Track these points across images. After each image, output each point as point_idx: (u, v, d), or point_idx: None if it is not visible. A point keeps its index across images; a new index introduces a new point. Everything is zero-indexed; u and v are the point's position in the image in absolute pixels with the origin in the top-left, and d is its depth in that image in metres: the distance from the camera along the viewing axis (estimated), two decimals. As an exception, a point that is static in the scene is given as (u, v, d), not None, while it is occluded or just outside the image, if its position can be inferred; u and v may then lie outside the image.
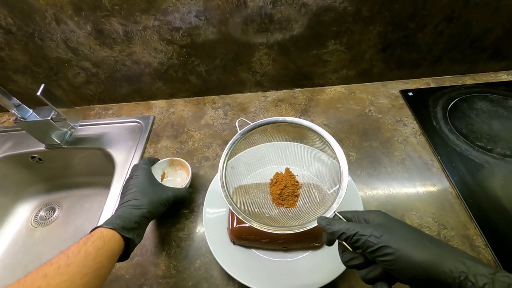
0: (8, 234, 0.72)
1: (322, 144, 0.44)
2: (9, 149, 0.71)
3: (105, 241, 0.35)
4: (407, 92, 0.71)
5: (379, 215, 0.30)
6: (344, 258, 0.31)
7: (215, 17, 0.60)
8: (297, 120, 0.44)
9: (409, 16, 0.61)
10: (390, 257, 0.26)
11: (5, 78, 0.71)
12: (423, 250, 0.25)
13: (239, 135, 0.44)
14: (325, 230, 0.31)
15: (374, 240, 0.27)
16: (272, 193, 0.47)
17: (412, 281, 0.26)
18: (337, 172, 0.39)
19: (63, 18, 0.59)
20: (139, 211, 0.41)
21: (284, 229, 0.36)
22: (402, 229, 0.28)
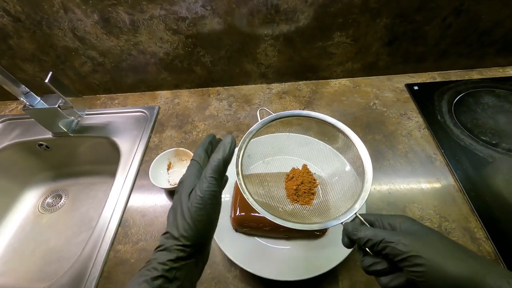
0: (16, 220, 0.73)
1: (345, 142, 0.41)
2: (17, 136, 0.72)
3: None
4: (413, 86, 0.71)
5: (406, 220, 0.28)
6: (365, 263, 0.29)
7: (221, 8, 0.60)
8: (321, 115, 0.41)
9: (416, 9, 0.60)
10: (421, 268, 0.24)
11: (14, 66, 0.72)
12: (459, 262, 0.23)
13: (260, 125, 0.41)
14: (351, 236, 0.30)
15: (403, 248, 0.25)
16: (287, 188, 0.46)
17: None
18: (360, 173, 0.37)
19: (70, 6, 0.59)
20: (165, 251, 0.28)
21: (304, 226, 0.34)
22: (434, 237, 0.26)
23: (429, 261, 0.24)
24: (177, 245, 0.27)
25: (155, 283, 0.26)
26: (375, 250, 0.27)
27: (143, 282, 0.26)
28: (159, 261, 0.27)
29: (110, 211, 0.56)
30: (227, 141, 0.31)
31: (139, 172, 0.62)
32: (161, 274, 0.26)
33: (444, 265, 0.23)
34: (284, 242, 0.47)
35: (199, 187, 0.29)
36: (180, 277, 0.27)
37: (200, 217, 0.28)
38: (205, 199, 0.28)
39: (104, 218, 0.55)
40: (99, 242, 0.52)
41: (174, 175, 0.60)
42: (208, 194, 0.28)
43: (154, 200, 0.57)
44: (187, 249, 0.27)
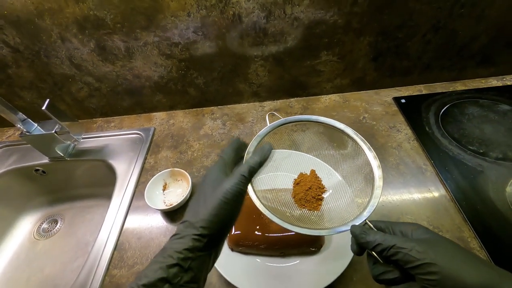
0: (11, 247, 0.73)
1: (354, 149, 0.41)
2: (14, 163, 0.73)
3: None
4: (400, 99, 0.73)
5: (419, 228, 0.28)
6: (376, 271, 0.28)
7: (212, 32, 0.63)
8: (330, 121, 0.41)
9: (397, 27, 0.63)
10: (435, 276, 0.23)
11: (12, 94, 0.74)
12: (474, 271, 0.23)
13: (269, 128, 0.41)
14: (359, 239, 0.29)
15: (417, 255, 0.24)
16: (295, 193, 0.44)
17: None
18: (368, 179, 0.37)
19: (67, 36, 0.62)
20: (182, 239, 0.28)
21: (313, 231, 0.34)
22: (448, 246, 0.26)
23: (444, 269, 0.23)
24: (195, 235, 0.27)
25: (170, 271, 0.26)
26: (385, 255, 0.26)
27: (159, 269, 0.26)
28: (176, 249, 0.27)
29: (106, 234, 0.56)
30: (267, 147, 0.34)
31: (135, 194, 0.62)
32: (177, 262, 0.26)
33: (459, 274, 0.23)
34: (280, 259, 0.47)
35: (230, 182, 0.29)
36: (194, 267, 0.27)
37: (223, 211, 0.28)
38: (232, 195, 0.29)
39: (99, 242, 0.55)
40: (95, 268, 0.51)
41: (170, 195, 0.60)
42: (236, 190, 0.29)
43: (149, 222, 0.57)
44: (204, 240, 0.27)
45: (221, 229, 0.29)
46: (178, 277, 0.26)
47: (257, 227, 0.48)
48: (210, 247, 0.29)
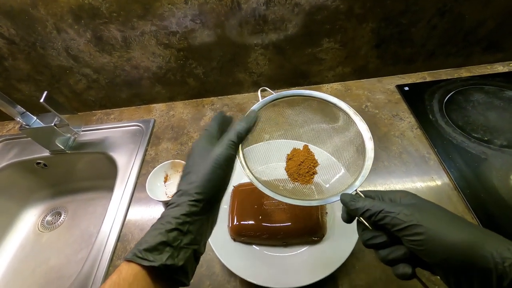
0: (16, 240, 0.73)
1: (345, 121, 0.41)
2: (15, 156, 0.73)
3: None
4: (403, 87, 0.72)
5: (407, 195, 0.28)
6: (365, 236, 0.29)
7: (210, 20, 0.61)
8: (323, 95, 0.41)
9: (401, 12, 0.61)
10: (421, 236, 0.24)
11: (9, 87, 0.73)
12: (460, 230, 0.23)
13: (261, 104, 0.40)
14: (349, 206, 0.29)
15: (404, 218, 0.25)
16: (288, 167, 0.44)
17: (443, 264, 0.23)
18: (360, 151, 0.37)
19: (63, 27, 0.61)
20: (178, 206, 0.28)
21: (304, 202, 0.34)
22: (435, 209, 0.26)
23: (429, 229, 0.24)
24: (190, 201, 0.28)
25: (170, 235, 0.26)
26: (374, 220, 0.27)
27: (158, 234, 0.26)
28: (173, 215, 0.27)
29: (108, 226, 0.56)
30: (251, 115, 0.35)
31: (136, 186, 0.62)
32: (175, 227, 0.27)
33: (444, 233, 0.23)
34: (282, 249, 0.47)
35: (219, 148, 0.31)
36: (193, 231, 0.28)
37: (215, 175, 0.29)
38: (223, 159, 0.30)
39: (103, 234, 0.55)
40: (99, 259, 0.52)
41: (171, 187, 0.60)
42: (227, 154, 0.30)
43: (151, 213, 0.57)
44: (200, 204, 0.28)
45: (215, 193, 0.30)
46: (178, 240, 0.26)
47: (259, 217, 0.48)
48: (207, 211, 0.30)
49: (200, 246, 0.29)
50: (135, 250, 0.26)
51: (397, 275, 0.26)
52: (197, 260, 0.29)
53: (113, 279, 0.25)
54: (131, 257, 0.25)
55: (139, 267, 0.25)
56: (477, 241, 0.22)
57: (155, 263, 0.25)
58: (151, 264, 0.25)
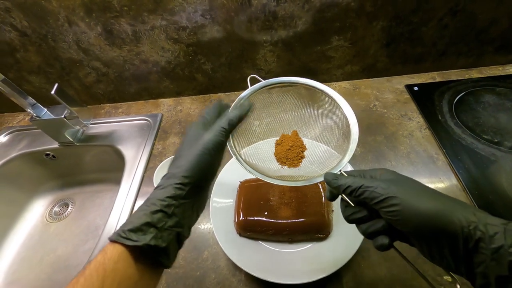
0: (24, 229, 0.75)
1: (332, 107, 0.42)
2: (25, 147, 0.74)
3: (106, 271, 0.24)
4: (412, 87, 0.71)
5: (387, 172, 0.30)
6: (347, 212, 0.30)
7: (220, 16, 0.61)
8: (309, 81, 0.42)
9: (412, 11, 0.61)
10: (396, 207, 0.25)
11: (20, 79, 0.74)
12: (431, 200, 0.25)
13: (249, 91, 0.41)
14: (331, 184, 0.31)
15: (381, 191, 0.26)
16: (277, 152, 0.45)
17: (416, 231, 0.25)
18: (346, 134, 0.38)
19: (75, 19, 0.61)
20: (164, 189, 0.28)
21: (290, 182, 0.36)
22: (411, 182, 0.28)
23: (404, 200, 0.25)
24: (176, 184, 0.28)
25: (154, 217, 0.26)
26: (355, 195, 0.28)
27: (143, 215, 0.26)
28: (158, 197, 0.28)
29: (116, 218, 0.57)
30: (246, 103, 0.36)
31: (143, 179, 0.63)
32: (160, 208, 0.27)
33: (417, 203, 0.25)
34: (288, 245, 0.48)
35: (209, 134, 0.31)
36: (178, 213, 0.28)
37: (203, 160, 0.29)
38: (212, 145, 0.30)
39: (110, 226, 0.56)
40: (106, 249, 0.52)
41: (178, 181, 0.60)
42: (216, 141, 0.30)
43: (158, 207, 0.58)
44: (186, 188, 0.28)
45: (202, 178, 0.30)
46: (163, 222, 0.27)
47: (265, 213, 0.48)
48: (193, 196, 0.30)
49: (184, 229, 0.29)
50: (120, 231, 0.26)
51: (376, 247, 0.28)
52: (180, 243, 0.29)
53: (98, 259, 0.25)
54: (116, 237, 0.25)
55: (123, 247, 0.25)
56: (446, 209, 0.24)
57: (138, 243, 0.25)
58: (134, 243, 0.25)
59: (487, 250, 0.22)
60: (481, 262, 0.22)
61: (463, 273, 0.24)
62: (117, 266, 0.24)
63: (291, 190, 0.50)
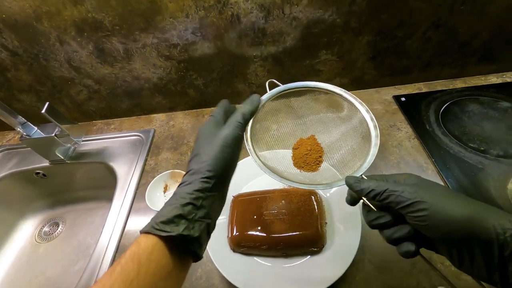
0: (12, 250, 0.73)
1: (350, 111, 0.42)
2: (15, 166, 0.73)
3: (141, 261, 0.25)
4: (400, 98, 0.73)
5: (410, 176, 0.29)
6: (369, 217, 0.29)
7: (211, 33, 0.62)
8: (327, 86, 0.42)
9: (396, 26, 0.63)
10: (424, 212, 0.24)
11: (11, 98, 0.74)
12: (462, 205, 0.24)
13: (269, 95, 0.42)
14: (353, 188, 0.30)
15: (408, 195, 0.25)
16: (294, 156, 0.44)
17: (446, 237, 0.24)
18: (366, 138, 0.38)
19: (66, 39, 0.62)
20: (191, 184, 0.29)
21: (310, 186, 0.35)
22: (438, 186, 0.27)
23: (432, 205, 0.24)
24: (202, 178, 0.29)
25: (185, 209, 0.27)
26: (378, 199, 0.28)
27: (174, 209, 0.27)
28: (186, 191, 0.28)
29: (107, 237, 0.56)
30: (255, 97, 0.37)
31: (136, 196, 0.62)
32: (189, 201, 0.28)
33: (447, 208, 0.24)
34: (283, 260, 0.47)
35: (227, 129, 0.32)
36: (206, 205, 0.29)
37: (225, 154, 0.30)
38: (232, 139, 0.31)
39: (101, 245, 0.55)
40: (96, 270, 0.51)
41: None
42: (235, 134, 0.32)
43: (151, 224, 0.57)
44: (211, 181, 0.29)
45: (225, 171, 0.31)
46: (193, 213, 0.27)
47: (258, 228, 0.48)
48: (218, 188, 0.30)
49: (212, 220, 0.30)
50: (152, 223, 0.27)
51: (401, 253, 0.27)
52: (209, 235, 0.30)
53: (132, 249, 0.25)
54: (149, 229, 0.26)
55: (156, 238, 0.26)
56: (479, 214, 0.23)
57: (173, 233, 0.26)
58: (169, 234, 0.25)
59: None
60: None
61: (497, 282, 0.23)
62: (151, 257, 0.25)
63: (284, 203, 0.51)
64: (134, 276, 0.24)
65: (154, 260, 0.25)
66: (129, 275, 0.24)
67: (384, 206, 0.28)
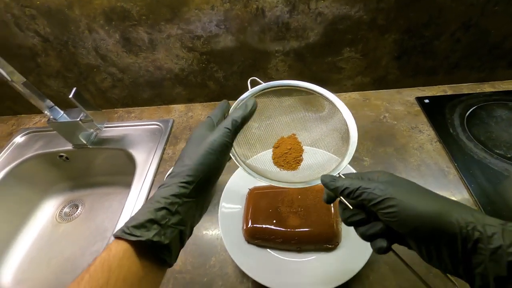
0: (35, 228, 0.76)
1: (331, 111, 0.42)
2: (40, 148, 0.76)
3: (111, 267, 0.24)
4: (423, 99, 0.71)
5: (384, 173, 0.29)
6: (345, 215, 0.30)
7: (234, 26, 0.63)
8: (310, 85, 0.42)
9: (424, 24, 0.61)
10: (394, 208, 0.25)
11: (39, 83, 0.77)
12: (429, 201, 0.25)
13: (249, 93, 0.42)
14: (328, 186, 0.30)
15: (379, 192, 0.26)
16: (274, 155, 0.45)
17: (414, 232, 0.25)
18: (345, 138, 0.38)
19: (95, 27, 0.64)
20: (169, 187, 0.28)
21: (288, 184, 0.36)
22: (408, 183, 0.28)
23: (401, 201, 0.25)
24: (181, 182, 0.28)
25: (158, 214, 0.27)
26: (352, 197, 0.28)
27: (147, 212, 0.27)
28: (162, 195, 0.28)
29: (124, 221, 0.58)
30: (250, 102, 0.35)
31: (153, 183, 0.64)
32: (164, 206, 0.27)
33: (415, 204, 0.25)
34: (296, 254, 0.47)
35: (214, 134, 0.31)
36: (181, 211, 0.28)
37: (208, 160, 0.30)
38: (217, 145, 0.30)
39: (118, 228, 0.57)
40: (114, 252, 0.53)
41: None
42: (221, 141, 0.31)
43: (167, 211, 0.58)
44: (190, 187, 0.29)
45: (206, 177, 0.30)
46: (166, 219, 0.27)
47: (273, 221, 0.48)
48: (197, 195, 0.30)
49: (187, 227, 0.29)
50: (124, 227, 0.26)
51: (375, 250, 0.28)
52: (182, 242, 0.29)
53: (102, 256, 0.25)
54: (120, 233, 0.26)
55: (127, 244, 0.25)
56: (445, 210, 0.24)
57: (142, 238, 0.25)
58: (138, 239, 0.25)
59: (485, 250, 0.22)
60: (479, 263, 0.22)
61: (462, 274, 0.24)
62: (122, 263, 0.25)
63: (300, 199, 0.51)
64: (104, 283, 0.23)
65: (125, 265, 0.25)
66: (98, 282, 0.23)
67: (359, 204, 0.29)
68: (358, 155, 0.61)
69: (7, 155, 0.76)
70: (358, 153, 0.62)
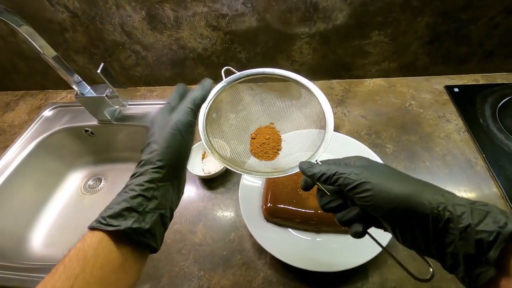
0: (62, 198, 0.80)
1: (308, 98, 0.41)
2: (67, 122, 0.79)
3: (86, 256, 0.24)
4: (453, 88, 0.68)
5: (360, 158, 0.30)
6: (323, 201, 0.30)
7: (261, 5, 0.61)
8: (285, 72, 0.42)
9: (462, 7, 0.58)
10: (369, 192, 0.25)
11: (67, 58, 0.79)
12: (402, 184, 0.25)
13: (225, 83, 0.42)
14: (306, 173, 0.30)
15: (354, 177, 0.26)
16: (252, 145, 0.45)
17: (389, 214, 0.25)
18: (322, 125, 0.38)
19: (122, 3, 0.64)
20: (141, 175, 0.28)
21: (266, 174, 0.36)
22: (383, 167, 0.28)
23: (376, 185, 0.25)
24: (152, 168, 0.28)
25: (134, 201, 0.27)
26: (329, 183, 0.28)
27: (122, 201, 0.27)
28: (136, 183, 0.28)
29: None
30: (206, 82, 0.36)
31: (174, 160, 0.65)
32: (139, 193, 0.27)
33: (389, 187, 0.25)
34: (315, 235, 0.48)
35: (176, 115, 0.31)
36: (157, 196, 0.28)
37: (175, 142, 0.30)
38: (181, 125, 0.30)
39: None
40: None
41: (208, 164, 0.62)
42: (184, 120, 0.31)
43: (188, 187, 0.60)
44: (162, 171, 0.29)
45: (177, 159, 0.30)
46: (143, 205, 0.27)
47: (293, 201, 0.49)
48: (171, 178, 0.30)
49: (167, 210, 0.29)
50: (99, 218, 0.26)
51: (352, 234, 0.28)
52: (164, 225, 0.29)
53: (77, 246, 0.25)
54: (96, 224, 0.26)
55: (103, 233, 0.25)
56: (417, 191, 0.24)
57: (120, 227, 0.25)
58: (116, 228, 0.25)
59: (455, 230, 0.22)
60: (450, 242, 0.23)
61: (434, 254, 0.24)
62: (97, 252, 0.25)
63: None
64: (80, 271, 0.23)
65: (101, 254, 0.25)
66: (74, 271, 0.23)
67: (337, 190, 0.29)
68: (381, 142, 0.60)
69: (36, 128, 0.79)
70: (381, 140, 0.61)
